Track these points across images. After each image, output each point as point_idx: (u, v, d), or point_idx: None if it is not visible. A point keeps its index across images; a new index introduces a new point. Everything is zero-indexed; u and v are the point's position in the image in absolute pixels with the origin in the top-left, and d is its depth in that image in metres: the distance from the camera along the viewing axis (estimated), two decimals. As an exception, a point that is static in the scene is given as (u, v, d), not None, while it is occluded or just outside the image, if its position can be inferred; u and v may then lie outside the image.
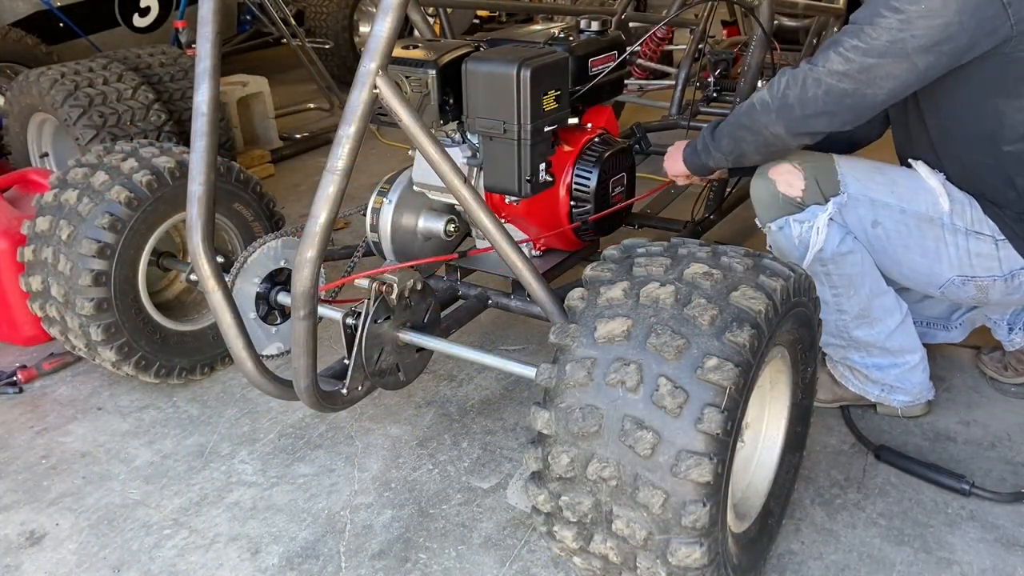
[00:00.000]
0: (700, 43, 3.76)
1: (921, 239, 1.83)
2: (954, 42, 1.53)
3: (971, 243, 1.80)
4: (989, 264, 1.82)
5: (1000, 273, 1.83)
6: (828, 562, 1.79)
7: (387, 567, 1.81)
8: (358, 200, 2.28)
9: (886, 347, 2.05)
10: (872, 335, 2.02)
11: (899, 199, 1.81)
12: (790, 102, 1.69)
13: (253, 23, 6.26)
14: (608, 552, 1.43)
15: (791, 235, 1.86)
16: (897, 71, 1.57)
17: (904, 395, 2.14)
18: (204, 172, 1.59)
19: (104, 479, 2.11)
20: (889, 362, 2.09)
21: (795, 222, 1.85)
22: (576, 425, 1.38)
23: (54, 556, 1.87)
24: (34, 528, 1.96)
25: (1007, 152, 1.68)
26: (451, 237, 2.22)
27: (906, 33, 1.52)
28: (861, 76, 1.59)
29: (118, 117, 3.18)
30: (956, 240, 1.80)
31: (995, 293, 1.88)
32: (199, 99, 1.58)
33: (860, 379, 2.17)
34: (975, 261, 1.83)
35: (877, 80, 1.59)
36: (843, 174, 1.83)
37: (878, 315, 1.98)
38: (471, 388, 2.45)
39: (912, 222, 1.81)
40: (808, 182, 1.82)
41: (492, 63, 1.83)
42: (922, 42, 1.53)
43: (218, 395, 2.44)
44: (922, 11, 1.50)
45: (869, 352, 2.08)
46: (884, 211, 1.82)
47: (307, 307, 1.52)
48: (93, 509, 2.01)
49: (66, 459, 2.19)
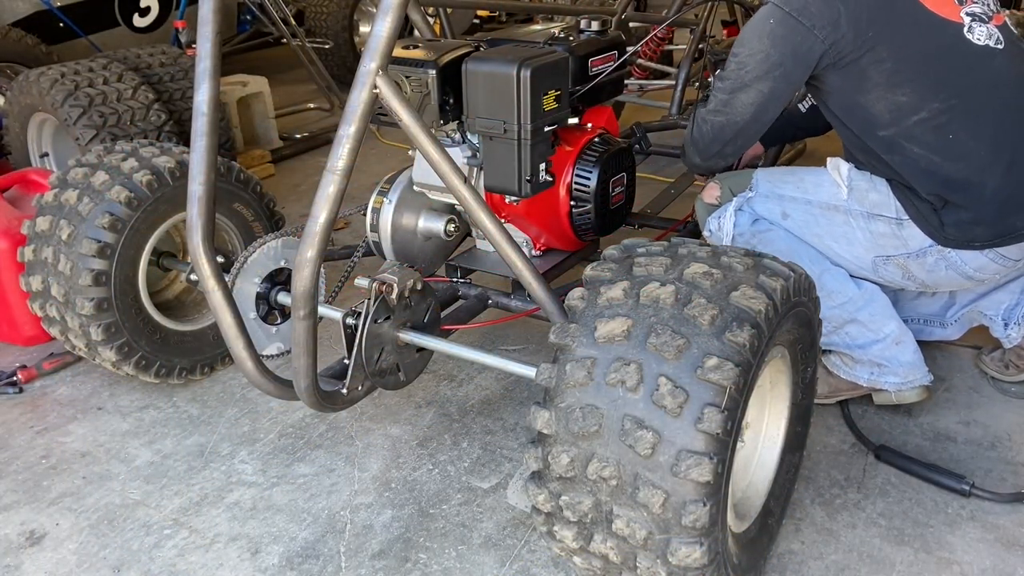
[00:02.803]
0: (700, 43, 3.77)
1: (830, 225, 2.07)
2: (781, 68, 1.87)
3: (872, 224, 2.01)
4: (894, 243, 2.01)
5: (907, 250, 2.00)
6: (828, 562, 1.79)
7: (387, 567, 1.81)
8: (358, 200, 2.28)
9: (857, 319, 2.11)
10: (835, 310, 2.11)
11: (804, 192, 2.09)
12: (695, 138, 2.08)
13: (253, 23, 6.26)
14: (608, 552, 1.43)
15: (714, 229, 2.19)
16: (749, 99, 1.92)
17: (893, 376, 2.15)
18: (204, 172, 1.59)
19: (104, 479, 2.11)
20: (867, 338, 2.13)
21: (713, 219, 2.20)
22: (576, 425, 1.38)
23: (54, 556, 1.87)
24: (34, 528, 1.96)
25: (882, 136, 1.91)
26: (451, 237, 2.22)
27: (743, 70, 1.90)
28: (726, 108, 1.96)
29: (118, 117, 3.18)
30: (859, 223, 2.03)
31: (918, 271, 2.03)
32: (199, 99, 1.58)
33: (848, 363, 2.21)
34: (881, 241, 2.02)
35: (738, 108, 1.94)
36: (756, 179, 2.17)
37: (832, 287, 2.10)
38: (471, 388, 2.45)
39: (818, 211, 2.07)
40: (723, 190, 2.24)
41: (492, 63, 1.83)
42: (755, 74, 1.89)
43: (218, 395, 2.44)
44: (749, 51, 1.89)
45: (845, 330, 2.14)
46: (791, 204, 2.11)
47: (307, 307, 1.52)
48: (93, 509, 2.01)
49: (66, 459, 2.19)
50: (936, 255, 1.97)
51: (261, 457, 2.17)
